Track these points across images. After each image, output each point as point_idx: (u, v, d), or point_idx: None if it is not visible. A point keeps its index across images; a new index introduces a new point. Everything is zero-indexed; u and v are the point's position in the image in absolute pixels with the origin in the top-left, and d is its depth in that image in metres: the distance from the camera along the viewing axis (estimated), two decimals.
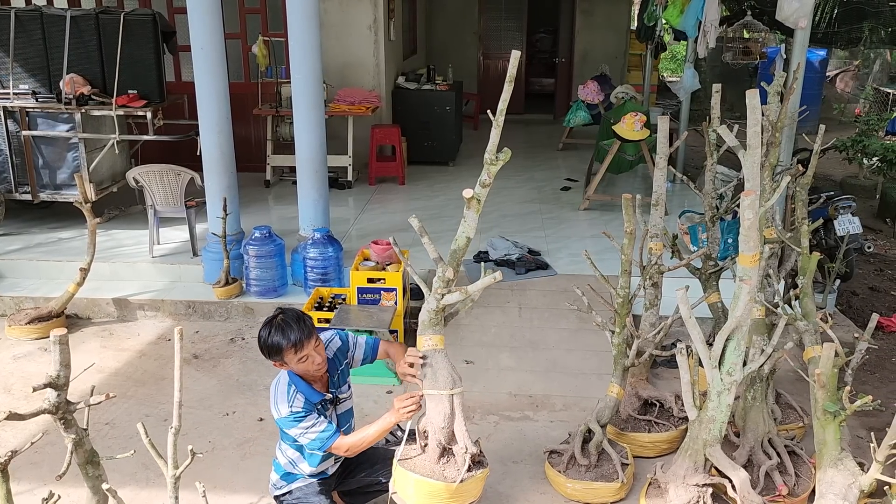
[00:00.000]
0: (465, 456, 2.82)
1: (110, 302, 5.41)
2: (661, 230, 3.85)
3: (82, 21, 6.09)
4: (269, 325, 2.83)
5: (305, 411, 2.87)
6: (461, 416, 2.84)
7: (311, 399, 2.89)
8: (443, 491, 2.77)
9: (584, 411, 4.22)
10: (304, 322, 2.84)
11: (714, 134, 4.41)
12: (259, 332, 2.87)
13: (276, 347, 2.79)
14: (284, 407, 2.87)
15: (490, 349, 4.79)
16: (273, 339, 2.80)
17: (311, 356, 2.84)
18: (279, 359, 2.84)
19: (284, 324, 2.81)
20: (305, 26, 5.21)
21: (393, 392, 4.50)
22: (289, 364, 2.85)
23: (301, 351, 2.80)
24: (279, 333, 2.79)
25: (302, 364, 2.84)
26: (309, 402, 2.89)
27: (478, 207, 2.75)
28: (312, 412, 2.89)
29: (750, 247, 2.85)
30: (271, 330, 2.81)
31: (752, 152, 2.84)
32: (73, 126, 6.04)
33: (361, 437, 2.92)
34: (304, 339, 2.80)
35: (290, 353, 2.80)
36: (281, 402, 2.89)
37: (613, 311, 3.64)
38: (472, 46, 12.78)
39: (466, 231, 2.81)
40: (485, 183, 2.71)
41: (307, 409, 2.88)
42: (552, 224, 6.83)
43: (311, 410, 2.89)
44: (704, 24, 7.25)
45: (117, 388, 4.45)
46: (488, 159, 2.65)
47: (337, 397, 3.04)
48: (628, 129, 6.53)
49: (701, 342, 3.01)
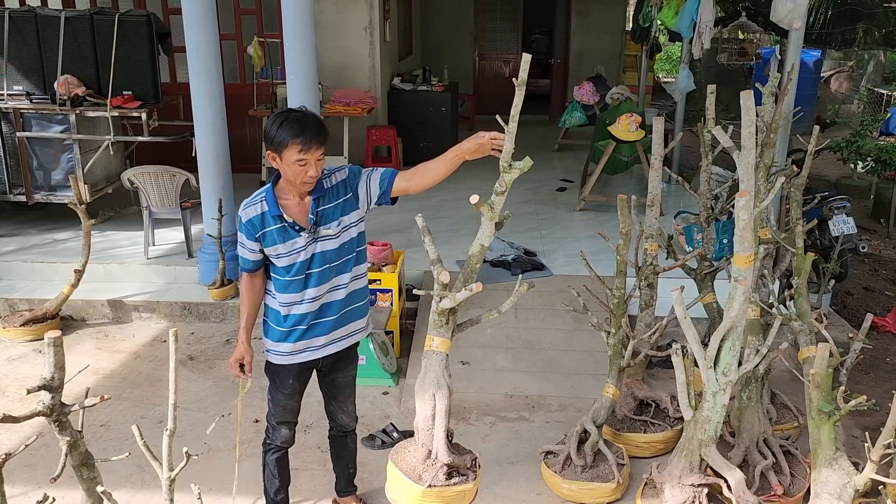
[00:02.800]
0: (436, 464, 2.81)
1: (105, 303, 5.40)
2: (656, 231, 3.86)
3: (77, 22, 6.07)
4: (286, 115, 2.66)
5: (248, 226, 2.76)
6: (443, 423, 2.82)
7: (270, 212, 2.74)
8: (415, 493, 2.78)
9: (580, 412, 4.22)
10: (322, 127, 2.69)
11: (709, 135, 4.43)
12: (272, 117, 2.69)
13: (284, 136, 2.61)
14: (242, 208, 2.79)
15: (486, 350, 4.79)
16: (286, 127, 2.62)
17: (310, 164, 2.65)
18: (278, 150, 2.65)
19: (304, 119, 2.65)
20: (301, 27, 5.19)
21: (389, 393, 4.50)
22: (283, 160, 2.66)
23: (306, 152, 2.62)
24: (295, 125, 2.62)
25: (297, 167, 2.65)
26: (260, 218, 2.75)
27: (492, 215, 2.73)
28: (254, 231, 2.76)
29: (745, 247, 2.86)
30: (286, 119, 2.64)
31: (747, 153, 2.84)
32: (67, 127, 6.02)
33: None
34: (316, 143, 2.64)
35: (294, 149, 2.61)
36: (243, 202, 2.81)
37: (609, 311, 3.65)
38: (468, 47, 12.79)
39: (481, 238, 2.80)
40: (498, 191, 2.69)
41: (252, 226, 2.76)
42: (548, 225, 6.84)
43: (256, 229, 2.76)
44: (699, 25, 7.28)
45: (112, 390, 4.44)
46: (503, 167, 2.63)
47: (315, 230, 2.79)
48: (623, 130, 6.54)
49: (696, 342, 3.02)
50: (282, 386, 3.02)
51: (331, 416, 3.28)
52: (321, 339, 2.95)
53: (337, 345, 3.00)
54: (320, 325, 2.92)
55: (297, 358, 2.96)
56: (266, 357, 3.02)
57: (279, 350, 2.95)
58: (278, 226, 2.77)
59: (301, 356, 2.95)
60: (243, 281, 2.94)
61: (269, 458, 3.18)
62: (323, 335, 2.94)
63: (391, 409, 4.31)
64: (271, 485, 3.22)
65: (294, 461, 3.75)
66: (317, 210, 2.80)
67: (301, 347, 2.93)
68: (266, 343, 2.99)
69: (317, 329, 2.92)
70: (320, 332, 2.93)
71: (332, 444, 3.39)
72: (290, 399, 3.06)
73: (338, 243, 2.84)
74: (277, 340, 2.94)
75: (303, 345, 2.93)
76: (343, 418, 3.26)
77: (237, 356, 2.94)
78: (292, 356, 2.95)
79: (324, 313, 2.91)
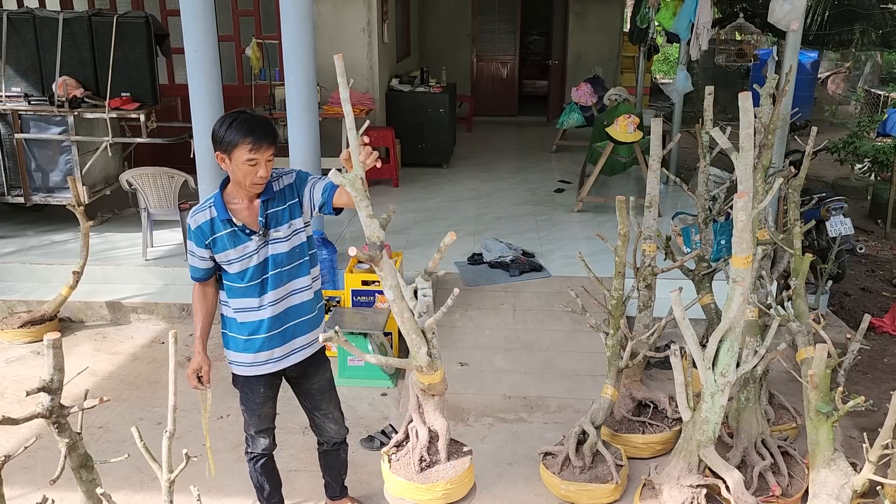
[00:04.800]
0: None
1: (104, 305, 5.40)
2: (654, 232, 3.86)
3: (75, 23, 6.07)
4: (235, 115, 2.64)
5: (197, 233, 2.72)
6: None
7: (219, 216, 2.71)
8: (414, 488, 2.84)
9: (579, 413, 4.23)
10: (272, 128, 2.68)
11: (707, 136, 4.44)
12: (220, 119, 2.67)
13: (234, 136, 2.59)
14: (190, 215, 2.76)
15: (484, 351, 4.79)
16: (236, 127, 2.60)
17: (260, 164, 2.62)
18: (227, 151, 2.61)
19: (253, 120, 2.64)
20: (299, 28, 5.20)
21: (388, 394, 4.50)
22: (233, 161, 2.62)
23: (256, 152, 2.60)
24: (243, 126, 2.60)
25: (247, 167, 2.61)
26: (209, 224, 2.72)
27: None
28: (203, 238, 2.72)
29: (743, 248, 2.86)
30: (235, 122, 2.61)
31: (745, 154, 2.85)
32: (65, 129, 6.02)
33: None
34: (266, 142, 2.62)
35: (244, 149, 2.58)
36: (192, 210, 2.78)
37: (607, 312, 3.65)
38: (466, 48, 12.80)
39: None
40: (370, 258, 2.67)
41: (201, 232, 2.72)
42: (546, 226, 6.84)
43: (205, 235, 2.72)
44: (697, 27, 7.29)
45: (111, 392, 4.43)
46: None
47: (265, 233, 2.75)
48: (621, 131, 6.55)
49: (695, 344, 3.02)
50: (253, 396, 2.96)
51: (318, 429, 3.17)
52: (280, 350, 2.89)
53: (298, 354, 2.95)
54: (280, 335, 2.87)
55: (262, 369, 2.90)
56: (230, 369, 2.96)
57: (241, 361, 2.89)
58: (228, 230, 2.73)
59: (264, 367, 2.90)
60: (195, 291, 2.88)
61: (254, 466, 3.13)
62: (281, 345, 2.88)
63: (389, 411, 4.31)
64: (262, 491, 3.18)
65: (292, 462, 3.77)
66: (266, 212, 2.77)
67: (263, 358, 2.88)
68: (228, 355, 2.93)
69: (276, 339, 2.86)
70: (279, 342, 2.87)
71: (324, 458, 3.28)
72: (264, 406, 3.00)
73: (288, 246, 2.80)
74: (238, 350, 2.88)
75: (264, 355, 2.87)
76: (332, 428, 3.15)
77: (194, 367, 2.84)
78: (255, 367, 2.89)
79: (284, 320, 2.86)
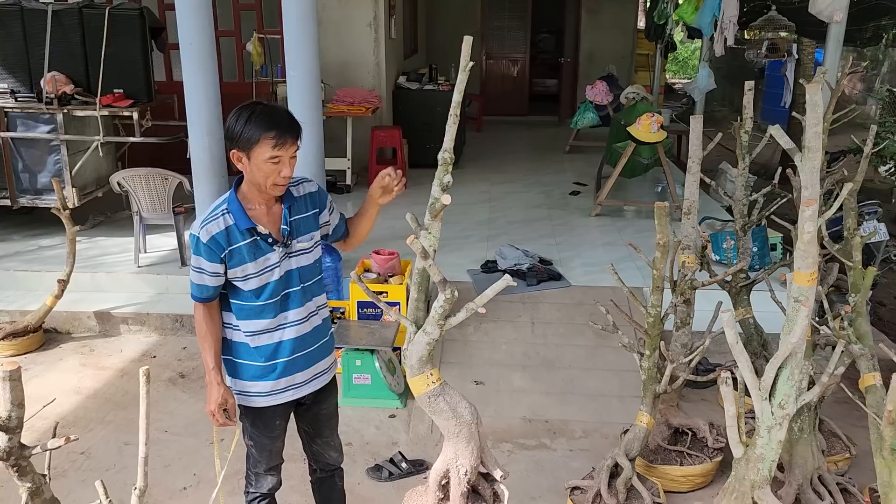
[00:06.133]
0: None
1: (91, 315, 5.04)
2: (693, 241, 3.49)
3: (65, 16, 5.72)
4: (253, 108, 2.29)
5: (211, 246, 2.31)
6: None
7: (239, 225, 2.33)
8: None
9: (606, 439, 3.86)
10: (295, 121, 2.33)
11: (746, 136, 4.08)
12: (235, 111, 2.30)
13: (254, 132, 2.24)
14: (197, 225, 2.34)
15: (501, 369, 4.42)
16: (257, 121, 2.24)
17: (283, 163, 2.28)
18: (246, 149, 2.27)
19: (274, 112, 2.29)
20: (302, 21, 4.86)
21: (397, 416, 4.14)
22: (253, 160, 2.27)
23: (280, 149, 2.25)
24: (264, 119, 2.25)
25: (269, 166, 2.27)
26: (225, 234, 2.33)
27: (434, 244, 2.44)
28: (219, 252, 2.32)
29: (808, 263, 2.49)
30: (254, 115, 2.26)
31: (812, 156, 2.47)
32: (54, 127, 5.68)
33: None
34: (290, 137, 2.28)
35: (266, 145, 2.24)
36: (199, 219, 2.37)
37: (643, 331, 3.28)
38: (475, 46, 12.38)
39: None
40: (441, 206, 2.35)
41: (216, 245, 2.32)
42: (562, 231, 6.47)
43: (221, 248, 2.33)
44: (722, 22, 6.93)
45: (95, 413, 4.08)
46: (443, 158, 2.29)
47: (289, 243, 2.43)
48: (644, 131, 6.17)
49: (749, 370, 2.65)
50: (266, 430, 2.60)
51: (316, 455, 2.81)
52: (302, 375, 2.54)
53: (320, 380, 2.62)
54: (303, 358, 2.52)
55: (281, 397, 2.54)
56: (240, 401, 2.56)
57: (258, 391, 2.51)
58: (248, 241, 2.36)
59: (284, 395, 2.54)
60: (200, 315, 2.44)
61: None
62: (303, 370, 2.54)
63: (399, 435, 3.95)
64: None
65: (292, 496, 3.39)
66: (290, 220, 2.44)
67: (284, 385, 2.52)
68: (237, 385, 2.53)
69: (299, 363, 2.52)
70: (302, 366, 2.53)
71: (320, 488, 2.90)
72: (277, 440, 2.65)
73: (312, 259, 2.51)
74: (255, 379, 2.50)
75: (285, 381, 2.51)
76: (331, 455, 2.82)
77: (218, 401, 2.43)
78: (274, 396, 2.53)
79: (306, 343, 2.53)
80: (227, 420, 2.47)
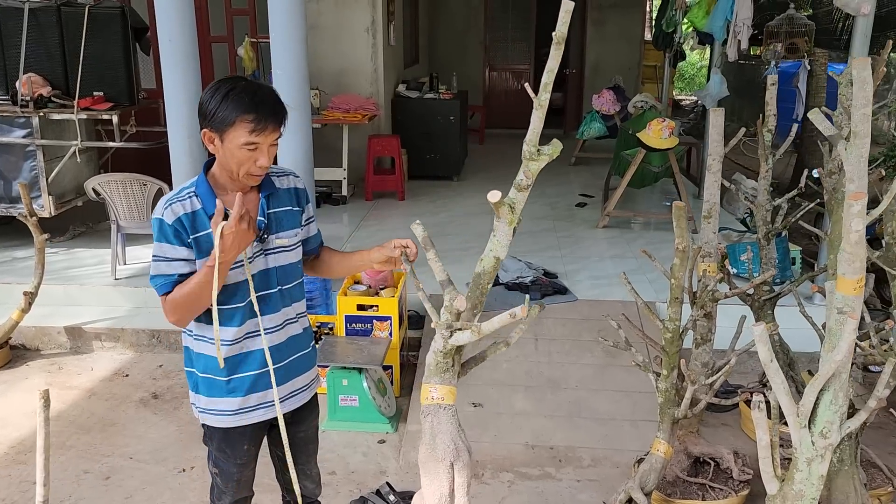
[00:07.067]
0: None
1: (62, 331, 4.69)
2: (714, 249, 3.14)
3: (42, 14, 5.42)
4: (233, 84, 1.96)
5: (176, 227, 1.99)
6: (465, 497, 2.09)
7: (207, 209, 2.01)
8: None
9: (618, 468, 3.49)
10: (280, 104, 2.00)
11: (769, 134, 3.74)
12: (211, 86, 1.99)
13: (231, 112, 1.92)
14: (160, 206, 2.02)
15: (502, 389, 4.05)
16: (235, 99, 1.92)
17: (261, 151, 1.97)
18: (220, 129, 1.95)
19: (258, 91, 1.96)
20: (288, 17, 4.55)
21: (386, 441, 3.77)
22: (226, 143, 1.96)
23: (259, 134, 1.93)
24: (244, 99, 1.92)
25: (244, 153, 1.95)
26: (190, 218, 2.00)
27: (511, 218, 2.02)
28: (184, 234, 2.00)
29: (855, 268, 2.13)
30: (233, 92, 1.94)
31: (859, 142, 2.12)
32: (30, 131, 5.35)
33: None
34: (272, 122, 1.95)
35: (243, 129, 1.92)
36: (162, 200, 2.04)
37: (659, 348, 2.92)
38: (477, 58, 12.15)
39: (496, 249, 2.08)
40: (521, 185, 1.95)
41: (181, 226, 1.99)
42: (568, 243, 6.12)
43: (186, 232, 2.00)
44: (735, 25, 6.60)
45: (56, 437, 3.72)
46: (528, 153, 1.89)
47: (265, 238, 2.10)
48: (655, 137, 5.83)
49: (786, 393, 2.28)
50: (234, 455, 2.25)
51: (289, 485, 2.43)
52: (277, 391, 2.17)
53: (297, 398, 2.28)
54: (277, 372, 2.16)
55: (251, 417, 2.19)
56: (203, 421, 2.23)
57: (223, 409, 2.17)
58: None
59: (253, 414, 2.19)
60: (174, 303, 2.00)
61: None
62: (278, 386, 2.17)
63: (388, 463, 3.57)
64: None
65: None
66: (268, 211, 2.11)
67: (254, 402, 2.17)
68: (201, 402, 2.19)
69: (270, 378, 2.16)
70: (277, 381, 2.16)
71: None
72: (246, 469, 2.30)
73: (293, 258, 2.20)
74: (219, 395, 2.16)
75: (256, 398, 2.17)
76: (308, 486, 2.49)
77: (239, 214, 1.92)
78: (241, 415, 2.18)
79: (285, 353, 2.19)
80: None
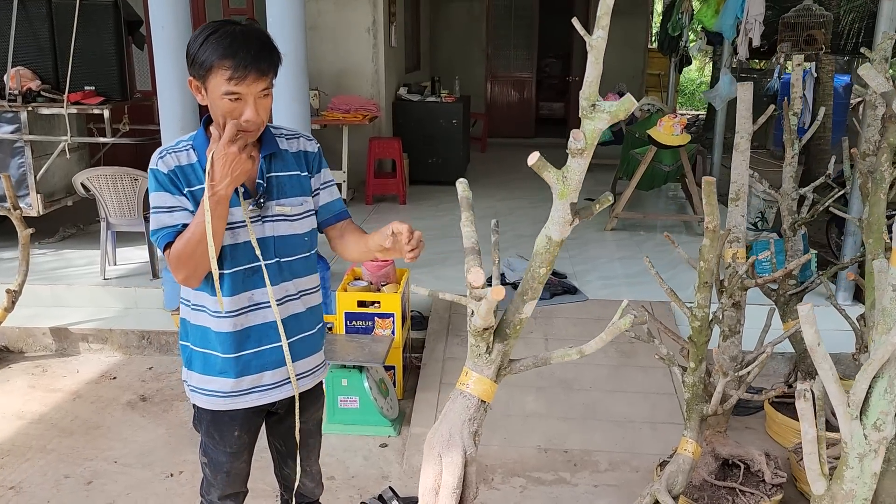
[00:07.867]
0: None
1: (48, 332, 4.46)
2: (743, 234, 2.93)
3: (32, 6, 5.24)
4: (213, 28, 1.76)
5: (171, 177, 1.82)
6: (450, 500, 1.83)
7: (202, 163, 1.82)
8: None
9: (638, 472, 3.25)
10: (269, 48, 1.78)
11: (794, 118, 3.54)
12: (198, 30, 1.80)
13: (209, 55, 1.73)
14: (154, 158, 1.85)
15: (512, 390, 3.82)
16: (214, 42, 1.72)
17: (246, 102, 1.76)
18: (200, 76, 1.76)
19: (239, 35, 1.74)
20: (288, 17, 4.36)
21: (389, 445, 3.53)
22: (209, 92, 1.77)
23: (238, 83, 1.73)
24: (223, 42, 1.72)
25: (226, 103, 1.75)
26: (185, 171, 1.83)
27: (563, 190, 1.69)
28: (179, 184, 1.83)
29: None
30: (214, 35, 1.74)
31: None
32: (18, 127, 5.15)
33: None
34: (254, 69, 1.74)
35: (219, 76, 1.73)
36: (158, 152, 1.87)
37: (686, 340, 2.70)
38: (479, 65, 11.99)
39: (549, 228, 1.75)
40: (574, 149, 1.60)
41: (175, 177, 1.82)
42: (576, 245, 5.90)
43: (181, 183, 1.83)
44: (746, 22, 6.43)
45: (37, 440, 3.49)
46: (583, 108, 1.59)
47: (262, 202, 1.90)
48: (666, 133, 5.63)
49: (834, 381, 2.05)
50: (223, 442, 2.03)
51: (287, 481, 2.26)
52: (272, 375, 1.98)
53: (298, 384, 2.05)
54: (272, 352, 1.96)
55: (243, 401, 1.98)
56: (193, 401, 2.03)
57: (215, 389, 1.96)
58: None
59: (246, 399, 1.98)
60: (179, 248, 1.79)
61: None
62: (272, 369, 1.97)
63: (391, 467, 3.34)
64: None
65: None
66: (267, 174, 1.90)
67: (247, 386, 1.96)
68: (192, 379, 2.00)
69: (267, 356, 1.96)
70: (271, 362, 1.97)
71: None
72: (237, 460, 2.08)
73: (299, 230, 1.97)
74: (212, 374, 1.95)
75: (250, 380, 1.96)
76: (307, 484, 2.27)
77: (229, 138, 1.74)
78: (235, 398, 1.97)
79: (277, 333, 1.96)
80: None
